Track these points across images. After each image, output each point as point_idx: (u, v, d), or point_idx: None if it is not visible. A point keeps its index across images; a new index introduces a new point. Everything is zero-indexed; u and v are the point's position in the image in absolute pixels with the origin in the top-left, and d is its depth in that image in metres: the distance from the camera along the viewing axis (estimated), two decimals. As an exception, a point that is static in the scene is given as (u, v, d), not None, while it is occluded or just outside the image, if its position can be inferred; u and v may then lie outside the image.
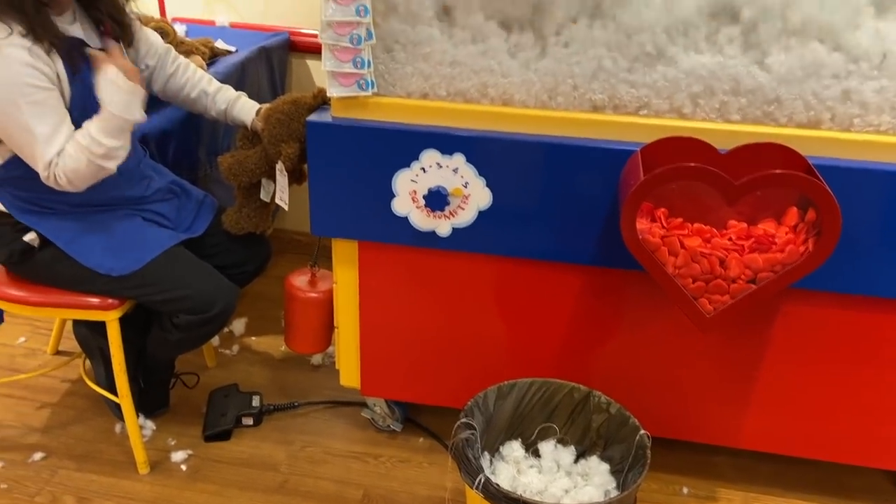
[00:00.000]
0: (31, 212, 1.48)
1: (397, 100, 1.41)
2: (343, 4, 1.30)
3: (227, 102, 1.62)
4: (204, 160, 1.89)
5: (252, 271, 1.74)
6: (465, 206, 1.42)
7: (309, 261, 1.71)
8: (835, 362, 1.44)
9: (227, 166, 1.58)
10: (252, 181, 1.60)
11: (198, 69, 1.66)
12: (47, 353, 2.04)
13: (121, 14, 1.49)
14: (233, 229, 1.65)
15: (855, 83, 1.27)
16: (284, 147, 1.52)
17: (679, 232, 1.28)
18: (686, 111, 1.35)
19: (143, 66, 1.58)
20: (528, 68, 1.37)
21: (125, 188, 1.53)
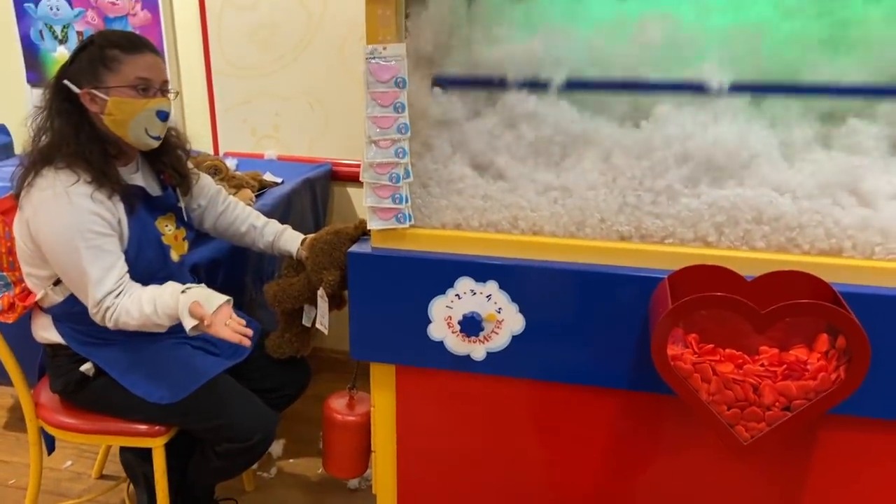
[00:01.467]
0: (87, 343, 1.57)
1: (433, 231, 1.49)
2: (384, 148, 1.41)
3: (275, 234, 1.73)
4: (250, 286, 1.99)
5: (292, 395, 1.79)
6: (498, 330, 1.47)
7: (347, 383, 1.75)
8: (878, 489, 1.40)
9: (273, 294, 1.67)
10: (295, 307, 1.68)
11: (245, 206, 1.79)
12: (92, 477, 2.08)
13: (182, 167, 1.63)
14: (275, 353, 1.71)
15: (872, 212, 1.31)
16: (326, 274, 1.61)
17: (711, 358, 1.30)
18: (711, 239, 1.40)
19: (196, 205, 1.71)
20: (555, 203, 1.45)
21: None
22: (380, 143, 1.40)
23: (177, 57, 2.47)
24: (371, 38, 1.36)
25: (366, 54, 1.36)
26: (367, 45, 1.36)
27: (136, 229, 1.50)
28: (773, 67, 1.43)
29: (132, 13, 2.42)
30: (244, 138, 2.48)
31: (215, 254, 1.82)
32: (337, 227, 1.64)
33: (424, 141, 1.50)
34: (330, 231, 1.64)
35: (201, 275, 1.76)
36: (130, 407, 1.54)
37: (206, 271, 1.79)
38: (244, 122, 2.47)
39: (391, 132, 1.40)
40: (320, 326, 1.66)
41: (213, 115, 2.46)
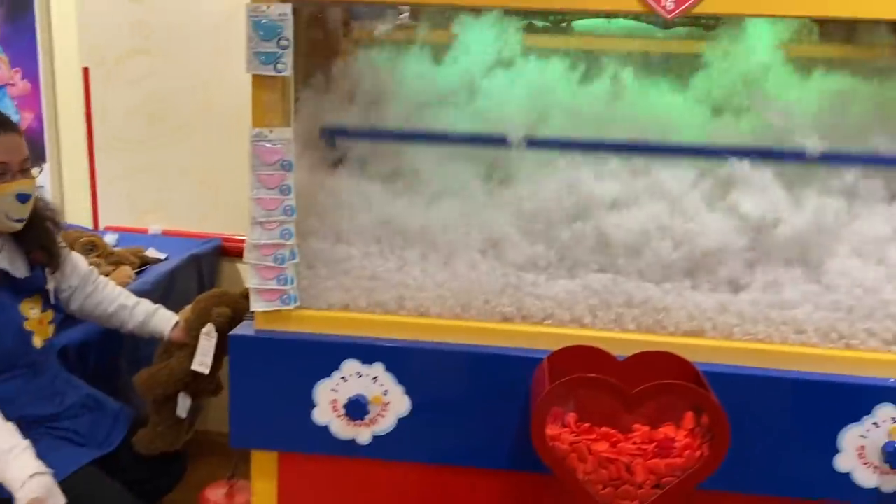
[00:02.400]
0: None
1: (319, 312, 1.49)
2: (269, 230, 1.41)
3: (146, 315, 1.67)
4: (125, 369, 1.89)
5: (166, 486, 1.69)
6: (384, 413, 1.46)
7: (229, 469, 1.68)
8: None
9: (143, 381, 1.60)
10: (167, 394, 1.61)
11: (116, 286, 1.72)
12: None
13: (52, 244, 1.56)
14: (146, 450, 1.62)
15: (731, 296, 1.43)
16: (217, 310, 1.57)
17: (588, 437, 1.34)
18: (587, 321, 1.47)
19: (67, 286, 1.63)
20: (441, 285, 1.48)
21: (38, 406, 1.51)
22: (265, 224, 1.40)
23: (57, 129, 2.39)
24: (257, 122, 1.37)
25: (251, 137, 1.37)
26: (253, 128, 1.37)
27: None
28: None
29: (11, 83, 2.33)
30: (127, 212, 2.40)
31: (87, 336, 1.72)
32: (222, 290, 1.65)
33: (312, 221, 1.51)
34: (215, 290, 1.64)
35: (71, 358, 1.66)
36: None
37: (76, 354, 1.69)
38: (128, 196, 2.40)
39: (277, 214, 1.40)
40: (199, 366, 1.59)
41: (93, 188, 2.38)
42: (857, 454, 1.34)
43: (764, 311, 1.41)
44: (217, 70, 2.27)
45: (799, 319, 1.39)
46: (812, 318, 1.39)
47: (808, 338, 1.39)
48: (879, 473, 1.35)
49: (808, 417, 1.35)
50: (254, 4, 1.31)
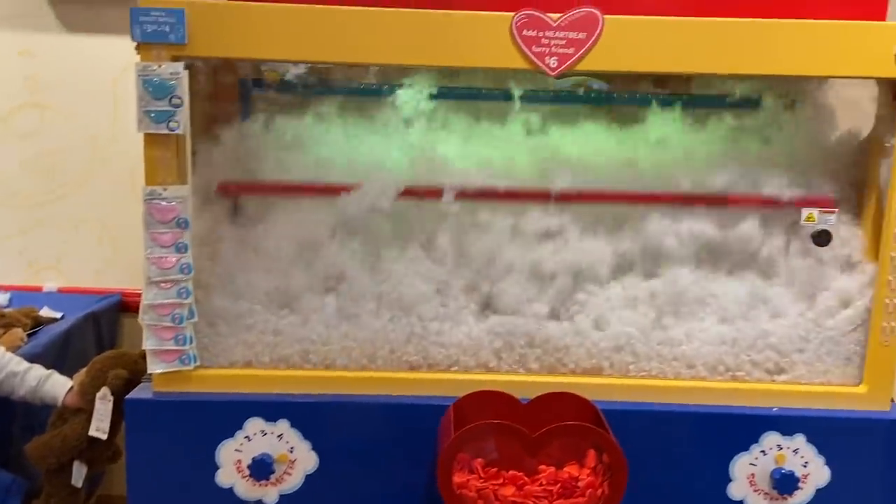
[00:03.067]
0: None
1: (221, 371, 1.45)
2: (165, 289, 1.38)
3: (38, 380, 1.59)
4: (17, 437, 1.78)
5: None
6: (291, 471, 1.44)
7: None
8: None
9: (34, 450, 1.52)
10: (61, 462, 1.53)
11: (5, 352, 1.64)
12: None
13: None
14: None
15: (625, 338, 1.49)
16: (112, 372, 1.52)
17: (494, 482, 1.36)
18: (492, 365, 1.50)
19: None
20: (346, 337, 1.48)
21: None
22: (161, 284, 1.37)
23: (-61, 185, 2.27)
24: (150, 180, 1.35)
25: (144, 196, 1.35)
26: (146, 187, 1.35)
27: None
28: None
29: None
30: (19, 270, 2.29)
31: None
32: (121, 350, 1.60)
33: (212, 277, 1.49)
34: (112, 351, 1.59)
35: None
36: None
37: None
38: (20, 253, 2.29)
39: (173, 273, 1.37)
40: (96, 433, 1.52)
41: (-17, 246, 2.26)
42: (748, 482, 1.41)
43: (656, 347, 1.47)
44: (113, 123, 2.22)
45: (688, 355, 1.46)
46: (700, 352, 1.46)
47: (697, 372, 1.46)
48: (769, 500, 1.42)
49: (702, 448, 1.42)
50: (143, 63, 1.30)
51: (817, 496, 1.40)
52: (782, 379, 1.45)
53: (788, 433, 1.39)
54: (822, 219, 1.38)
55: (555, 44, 1.33)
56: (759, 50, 1.31)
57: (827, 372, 1.44)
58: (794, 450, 1.39)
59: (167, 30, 1.29)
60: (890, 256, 1.36)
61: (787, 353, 1.44)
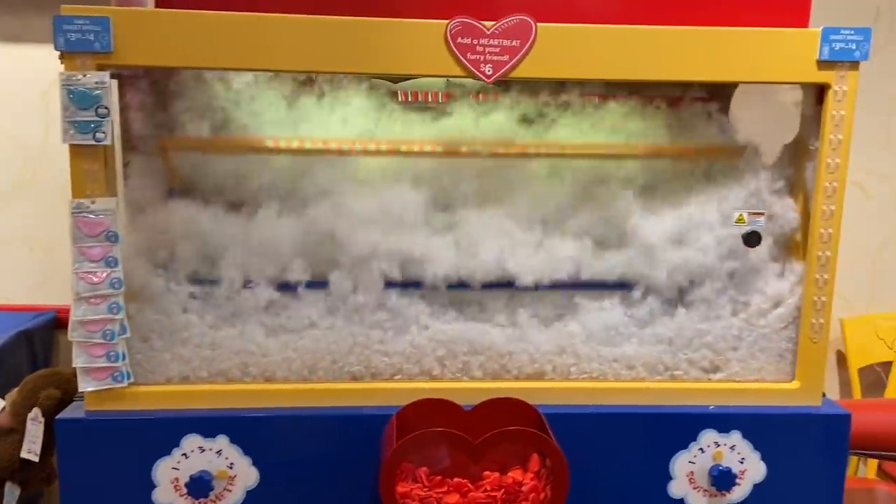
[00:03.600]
0: None
1: (156, 387, 1.42)
2: (95, 305, 1.33)
3: None
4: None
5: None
6: (231, 487, 1.41)
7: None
8: None
9: None
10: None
11: None
12: None
13: None
14: None
15: (567, 337, 1.50)
16: (46, 392, 1.47)
17: (439, 490, 1.35)
18: (436, 372, 1.49)
19: None
20: (287, 347, 1.46)
21: None
22: (90, 300, 1.33)
23: None
24: (77, 193, 1.31)
25: (71, 209, 1.31)
26: (73, 200, 1.31)
27: None
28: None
29: None
30: (-54, 288, 2.21)
31: None
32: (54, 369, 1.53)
33: (143, 292, 1.45)
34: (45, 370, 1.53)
35: None
36: None
37: None
38: (-54, 271, 2.21)
39: (103, 288, 1.33)
40: (28, 455, 1.47)
41: None
42: (687, 479, 1.44)
43: (596, 349, 1.49)
44: (44, 136, 2.16)
45: (628, 355, 1.48)
46: (639, 352, 1.48)
47: (637, 373, 1.48)
48: (709, 496, 1.44)
49: (643, 448, 1.44)
50: (67, 73, 1.26)
51: (754, 491, 1.43)
52: (718, 377, 1.48)
53: (725, 430, 1.42)
54: (752, 220, 1.42)
55: (489, 51, 1.34)
56: (684, 56, 1.34)
57: (761, 369, 1.48)
58: (731, 446, 1.42)
59: (92, 38, 1.25)
60: (817, 256, 1.40)
61: (722, 352, 1.48)
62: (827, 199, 1.37)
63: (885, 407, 1.51)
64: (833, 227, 1.38)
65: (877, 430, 1.49)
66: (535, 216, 1.53)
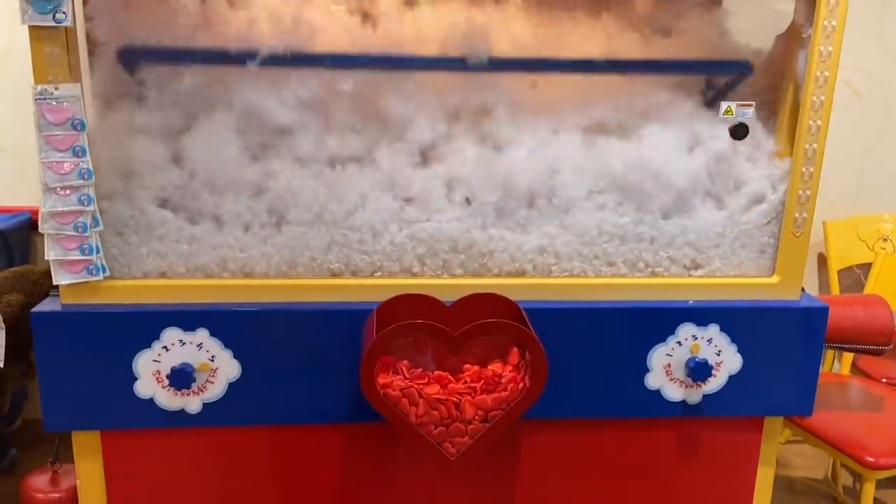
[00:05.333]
0: None
1: (133, 281, 1.40)
2: (65, 196, 1.30)
3: None
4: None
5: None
6: (213, 379, 1.41)
7: (49, 457, 1.57)
8: (574, 481, 1.57)
9: None
10: None
11: None
12: None
13: None
14: None
15: (548, 240, 1.49)
16: (6, 297, 1.46)
17: (419, 381, 1.37)
18: (416, 270, 1.48)
19: None
20: (265, 242, 1.44)
21: None
22: (58, 190, 1.29)
23: None
24: (39, 78, 1.25)
25: (34, 95, 1.25)
26: (36, 86, 1.25)
27: None
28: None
29: None
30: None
31: None
32: (24, 267, 1.50)
33: (116, 184, 1.41)
34: (14, 268, 1.49)
35: None
36: None
37: None
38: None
39: (72, 178, 1.29)
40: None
41: None
42: (664, 371, 1.46)
43: (577, 248, 1.48)
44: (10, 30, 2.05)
45: (609, 253, 1.48)
46: (620, 250, 1.47)
47: (618, 269, 1.48)
48: (685, 387, 1.47)
49: (621, 342, 1.45)
50: (20, -53, 1.18)
51: (729, 382, 1.47)
52: (699, 273, 1.48)
53: (703, 324, 1.44)
54: (740, 112, 1.39)
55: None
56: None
57: (741, 265, 1.48)
58: (708, 339, 1.44)
59: None
60: (804, 149, 1.38)
61: (704, 249, 1.47)
62: (818, 88, 1.34)
63: (861, 302, 1.53)
64: (822, 119, 1.35)
65: (852, 325, 1.51)
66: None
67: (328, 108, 1.44)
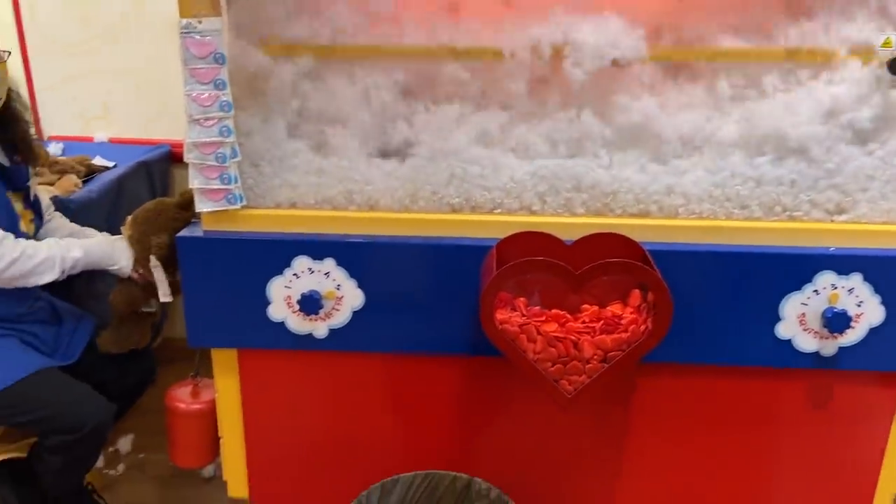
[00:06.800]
0: None
1: (267, 211, 1.47)
2: (207, 127, 1.37)
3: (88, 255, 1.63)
4: (84, 277, 1.87)
5: (134, 385, 1.72)
6: (339, 307, 1.48)
7: (191, 371, 1.70)
8: (695, 427, 1.54)
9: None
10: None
11: (66, 221, 1.70)
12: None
13: (28, 135, 1.58)
14: (114, 349, 1.63)
15: (675, 179, 1.43)
16: (154, 238, 1.57)
17: (537, 319, 1.37)
18: (536, 208, 1.47)
19: None
20: (389, 176, 1.47)
21: (10, 305, 1.54)
22: (202, 122, 1.36)
23: (-16, 33, 2.27)
24: (184, 12, 1.31)
25: (180, 29, 1.31)
26: (181, 20, 1.31)
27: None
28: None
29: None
30: (71, 121, 2.32)
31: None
32: (158, 200, 1.62)
33: (253, 117, 1.47)
34: (152, 203, 1.60)
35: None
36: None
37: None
38: (70, 102, 2.31)
39: (213, 110, 1.36)
40: (165, 298, 1.60)
41: (32, 95, 2.28)
42: (798, 321, 1.39)
43: (708, 189, 1.42)
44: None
45: (743, 195, 1.40)
46: (755, 193, 1.40)
47: (751, 212, 1.41)
48: (819, 338, 1.40)
49: (752, 289, 1.39)
50: None
51: (870, 334, 1.38)
52: (842, 219, 1.39)
53: (844, 273, 1.35)
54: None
55: None
56: None
57: (891, 211, 1.37)
58: (849, 289, 1.35)
59: None
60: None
61: (850, 193, 1.37)
62: None
63: None
64: None
65: None
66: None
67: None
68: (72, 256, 1.50)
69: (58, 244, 1.51)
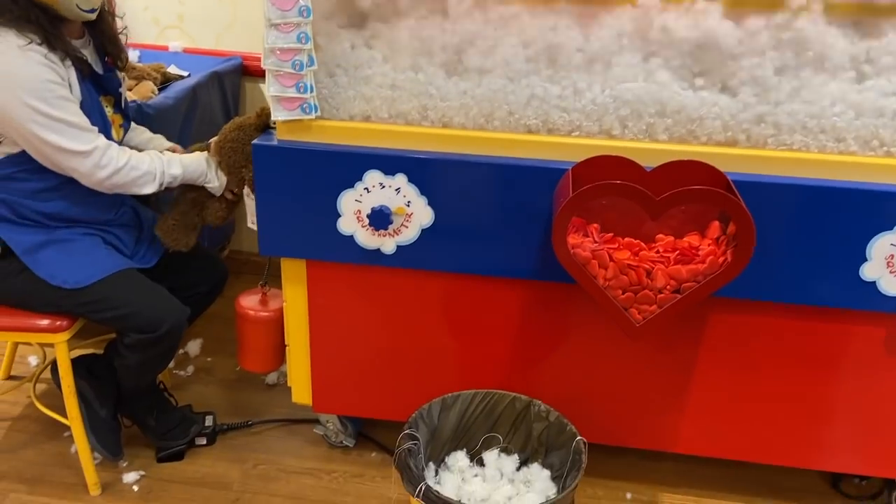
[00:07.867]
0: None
1: (340, 123, 1.46)
2: (285, 32, 1.35)
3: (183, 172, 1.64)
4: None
5: (205, 292, 1.77)
6: (408, 224, 1.47)
7: (260, 280, 1.74)
8: (762, 367, 1.51)
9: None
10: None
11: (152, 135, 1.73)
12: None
13: (118, 39, 1.61)
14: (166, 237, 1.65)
15: (768, 108, 1.35)
16: (245, 172, 1.57)
17: (609, 246, 1.34)
18: (615, 133, 1.42)
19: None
20: (465, 94, 1.43)
21: (101, 209, 1.59)
22: (280, 26, 1.34)
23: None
24: (265, -87, 1.27)
25: (260, -70, 1.28)
26: (261, -79, 1.28)
27: (86, 95, 1.48)
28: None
29: None
30: (146, 28, 2.33)
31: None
32: (238, 122, 1.58)
33: (329, 25, 1.44)
34: (232, 128, 1.57)
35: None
36: (31, 292, 1.50)
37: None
38: (145, 9, 2.32)
39: (292, 15, 1.34)
40: (252, 225, 1.63)
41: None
42: (886, 263, 1.33)
43: (802, 120, 1.34)
44: None
45: (838, 127, 1.32)
46: (853, 125, 1.32)
47: (846, 146, 1.33)
48: (907, 283, 1.34)
49: (839, 226, 1.33)
50: None
51: (964, 281, 1.31)
52: (948, 157, 1.30)
53: (943, 214, 1.27)
54: None
55: None
56: None
57: None
58: (947, 233, 1.28)
59: None
60: None
61: (961, 129, 1.28)
62: None
63: None
64: None
65: None
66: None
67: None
68: (171, 173, 1.54)
69: (160, 158, 1.53)
